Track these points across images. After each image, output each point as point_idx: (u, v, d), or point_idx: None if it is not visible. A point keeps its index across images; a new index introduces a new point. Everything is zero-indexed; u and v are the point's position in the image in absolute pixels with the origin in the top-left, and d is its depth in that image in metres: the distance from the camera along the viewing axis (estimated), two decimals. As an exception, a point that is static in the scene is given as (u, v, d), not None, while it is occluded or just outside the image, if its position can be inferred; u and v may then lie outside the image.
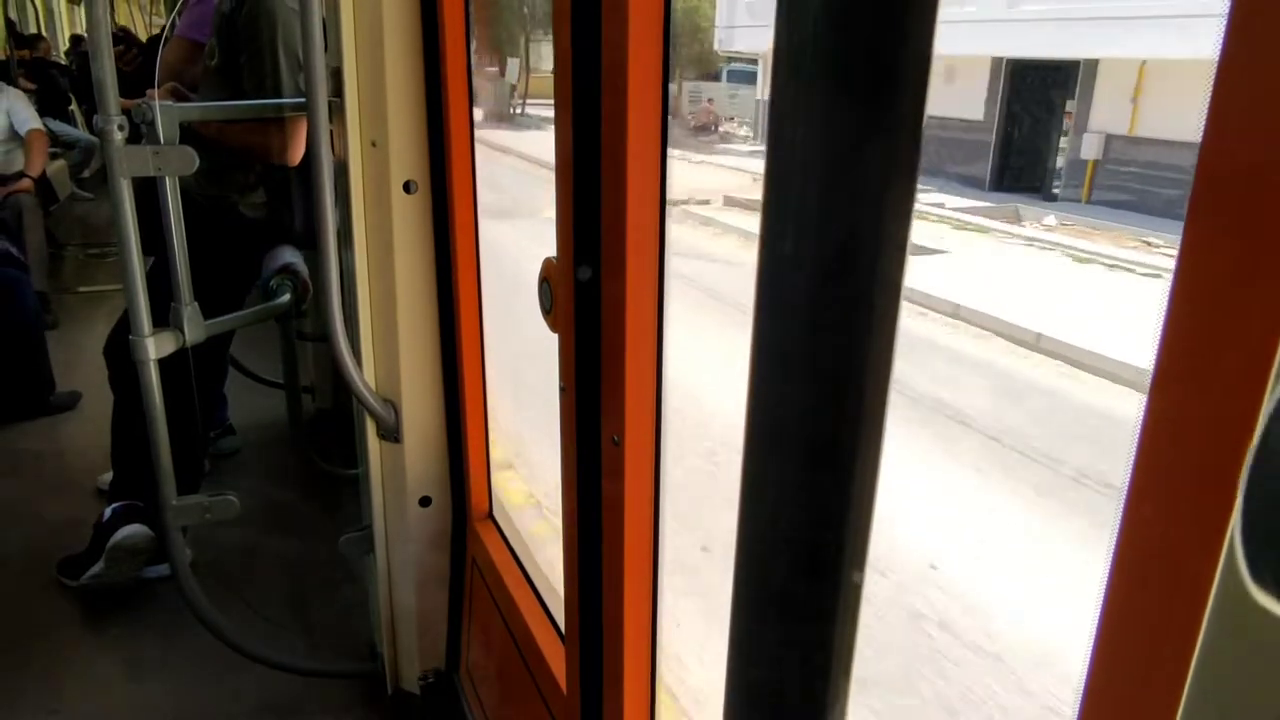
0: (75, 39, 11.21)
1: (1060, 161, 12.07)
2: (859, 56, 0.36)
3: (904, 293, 0.45)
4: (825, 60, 0.36)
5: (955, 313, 6.40)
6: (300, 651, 2.23)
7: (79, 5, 14.06)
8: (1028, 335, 5.83)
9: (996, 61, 12.62)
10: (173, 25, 2.65)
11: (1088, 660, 0.42)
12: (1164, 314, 0.39)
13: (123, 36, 3.12)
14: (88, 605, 2.42)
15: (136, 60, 2.81)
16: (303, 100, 1.59)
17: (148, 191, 1.75)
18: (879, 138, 0.36)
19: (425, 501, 1.86)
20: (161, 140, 1.66)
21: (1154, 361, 0.40)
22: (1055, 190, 12.08)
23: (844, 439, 0.41)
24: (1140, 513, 0.42)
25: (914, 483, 3.69)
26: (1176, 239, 0.37)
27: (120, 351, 2.44)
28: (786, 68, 0.37)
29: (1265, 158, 0.34)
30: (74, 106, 8.04)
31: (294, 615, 2.41)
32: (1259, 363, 0.33)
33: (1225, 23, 0.35)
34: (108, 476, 2.88)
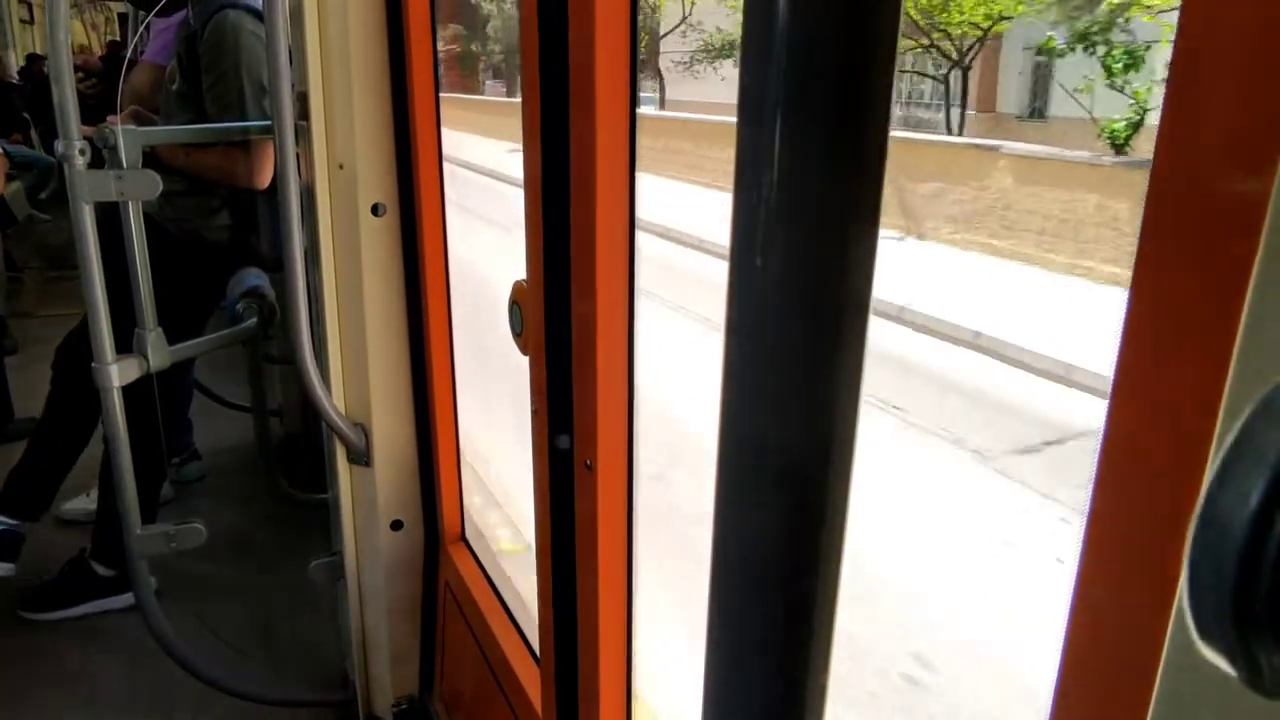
0: (31, 58, 11.03)
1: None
2: (822, 94, 0.37)
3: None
4: (792, 98, 0.37)
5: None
6: (270, 681, 2.19)
7: (32, 25, 13.86)
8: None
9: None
10: (138, 50, 2.63)
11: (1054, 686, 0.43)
12: (1121, 328, 0.40)
13: (82, 65, 3.09)
14: (47, 638, 2.35)
15: (98, 87, 2.79)
16: (269, 124, 1.58)
17: (109, 214, 1.73)
18: (843, 170, 0.37)
19: (397, 525, 1.84)
20: (124, 165, 1.64)
21: (1113, 375, 0.41)
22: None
23: (813, 464, 0.42)
24: (1101, 527, 0.43)
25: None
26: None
27: (70, 371, 2.41)
28: (753, 103, 0.38)
29: (1216, 170, 0.35)
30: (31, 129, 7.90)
31: (263, 644, 2.37)
32: (1216, 377, 0.34)
33: (1175, 37, 0.37)
34: (69, 505, 2.83)
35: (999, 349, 5.98)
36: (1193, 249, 0.36)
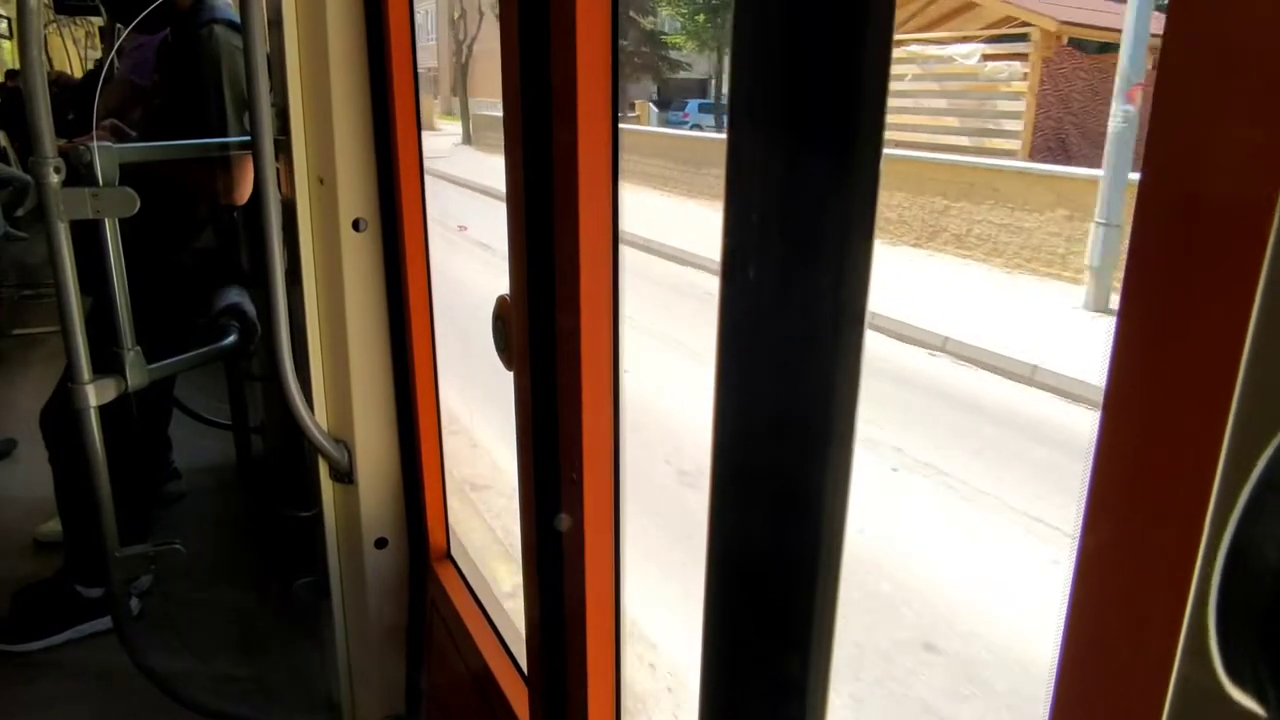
0: (11, 73, 10.92)
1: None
2: (815, 101, 0.36)
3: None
4: (781, 105, 0.37)
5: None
6: (254, 704, 2.15)
7: (12, 40, 13.74)
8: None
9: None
10: (111, 67, 2.60)
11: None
12: (1112, 340, 0.40)
13: (56, 80, 3.07)
14: (19, 664, 2.30)
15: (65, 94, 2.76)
16: (248, 139, 1.57)
17: (87, 229, 1.70)
18: (837, 179, 0.36)
19: (381, 543, 1.82)
20: (100, 182, 1.62)
21: (1105, 387, 0.40)
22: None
23: (809, 482, 0.41)
24: (1095, 543, 0.43)
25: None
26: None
27: (57, 421, 2.35)
28: (744, 110, 0.37)
29: (1207, 174, 0.35)
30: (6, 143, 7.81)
31: (247, 666, 2.33)
32: (1209, 388, 0.34)
33: (1161, 49, 0.36)
34: (44, 527, 2.78)
35: None
36: (1184, 261, 0.36)
